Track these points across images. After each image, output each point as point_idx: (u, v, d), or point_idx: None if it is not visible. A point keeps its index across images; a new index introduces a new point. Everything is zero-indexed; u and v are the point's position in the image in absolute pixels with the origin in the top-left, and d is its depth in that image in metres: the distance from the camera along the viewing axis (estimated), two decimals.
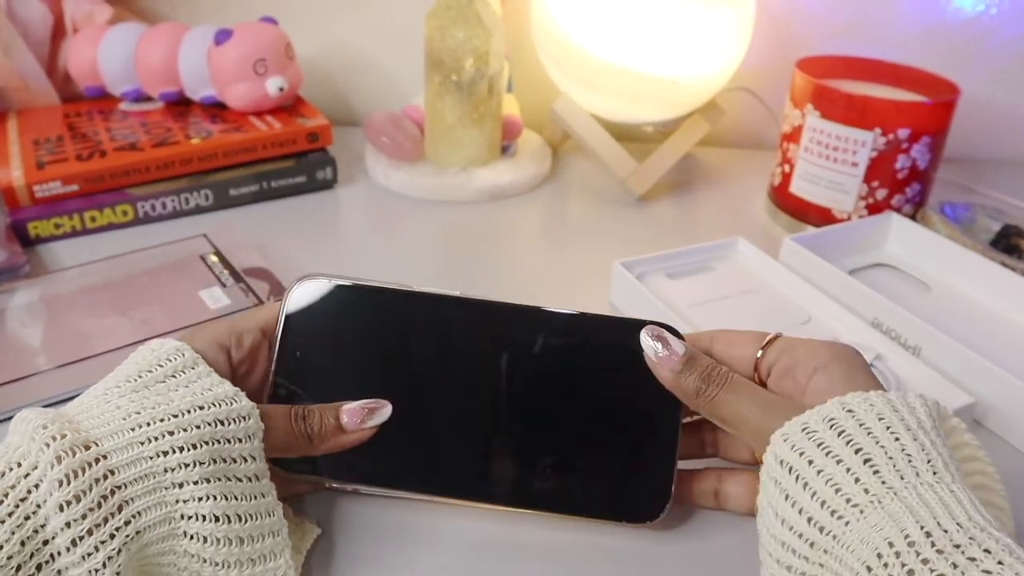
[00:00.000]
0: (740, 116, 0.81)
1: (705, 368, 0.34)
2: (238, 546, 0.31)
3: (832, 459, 0.28)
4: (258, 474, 0.32)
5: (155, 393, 0.32)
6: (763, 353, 0.35)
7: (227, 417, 0.31)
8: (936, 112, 0.59)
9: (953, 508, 0.26)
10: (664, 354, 0.35)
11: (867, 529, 0.26)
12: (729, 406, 0.33)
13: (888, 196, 0.62)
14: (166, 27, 0.73)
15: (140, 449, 0.29)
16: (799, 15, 0.78)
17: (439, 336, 0.37)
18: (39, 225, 0.60)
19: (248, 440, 0.32)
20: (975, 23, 0.77)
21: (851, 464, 0.28)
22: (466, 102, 0.68)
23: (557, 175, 0.76)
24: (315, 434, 0.34)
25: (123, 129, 0.69)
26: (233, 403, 0.32)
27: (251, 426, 0.32)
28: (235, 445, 0.31)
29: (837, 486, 0.28)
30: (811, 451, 0.29)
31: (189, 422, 0.30)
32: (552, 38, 0.69)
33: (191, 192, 0.65)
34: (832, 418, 0.30)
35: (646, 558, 0.36)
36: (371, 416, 0.35)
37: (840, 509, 0.27)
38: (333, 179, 0.71)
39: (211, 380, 0.33)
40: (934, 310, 0.54)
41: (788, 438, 0.30)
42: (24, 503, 0.27)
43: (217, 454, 0.31)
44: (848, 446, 0.28)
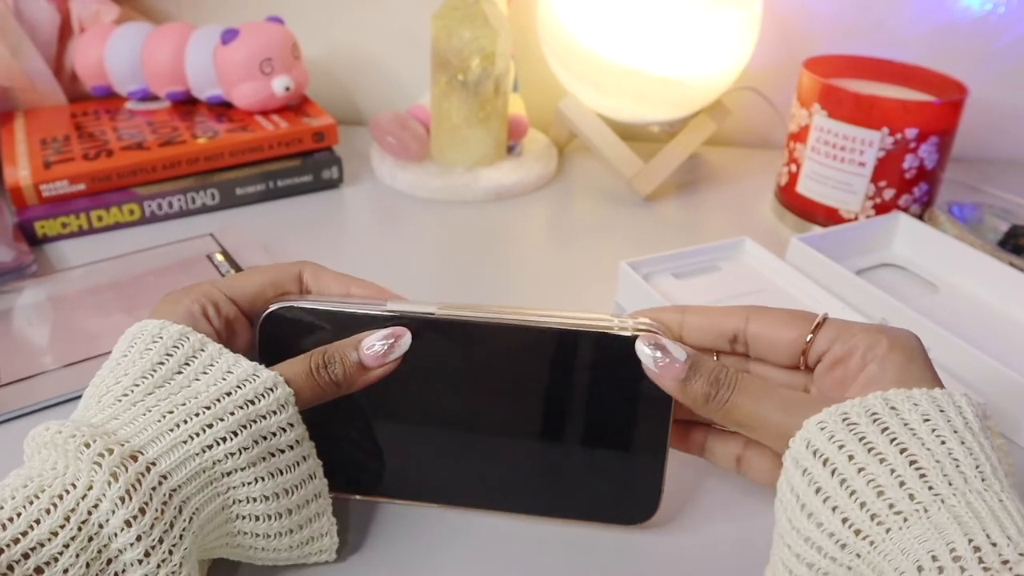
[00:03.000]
0: (747, 116, 0.81)
1: (712, 371, 0.32)
2: (287, 517, 0.32)
3: (875, 457, 0.27)
4: (299, 439, 0.32)
5: (179, 386, 0.31)
6: (812, 338, 0.32)
7: (256, 395, 0.31)
8: (944, 112, 0.59)
9: (1003, 519, 0.24)
10: (665, 362, 0.32)
11: (909, 539, 0.25)
12: (745, 409, 0.31)
13: (895, 196, 0.61)
14: (173, 27, 0.73)
15: (185, 448, 0.29)
16: (806, 15, 0.78)
17: (418, 354, 0.35)
18: (46, 224, 0.60)
19: (282, 410, 0.31)
20: (983, 22, 0.76)
21: (896, 465, 0.26)
22: (472, 102, 0.68)
23: (563, 175, 0.76)
24: (341, 380, 0.33)
25: (130, 128, 0.69)
26: (256, 379, 0.31)
27: (280, 396, 0.31)
28: (271, 420, 0.31)
29: (880, 488, 0.26)
30: (852, 445, 0.27)
31: (224, 410, 0.30)
32: (558, 38, 0.69)
33: (197, 191, 0.65)
34: (875, 412, 0.28)
35: (642, 551, 0.36)
36: (392, 349, 0.34)
37: (882, 514, 0.26)
38: (339, 178, 0.71)
39: (226, 360, 0.32)
40: (941, 310, 0.54)
41: (826, 427, 0.28)
42: (86, 524, 0.27)
43: (258, 434, 0.31)
44: (893, 444, 0.27)
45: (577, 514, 0.36)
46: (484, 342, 0.35)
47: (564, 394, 0.35)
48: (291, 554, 0.33)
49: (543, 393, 0.36)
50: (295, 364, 0.33)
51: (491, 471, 0.36)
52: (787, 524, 0.28)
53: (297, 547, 0.33)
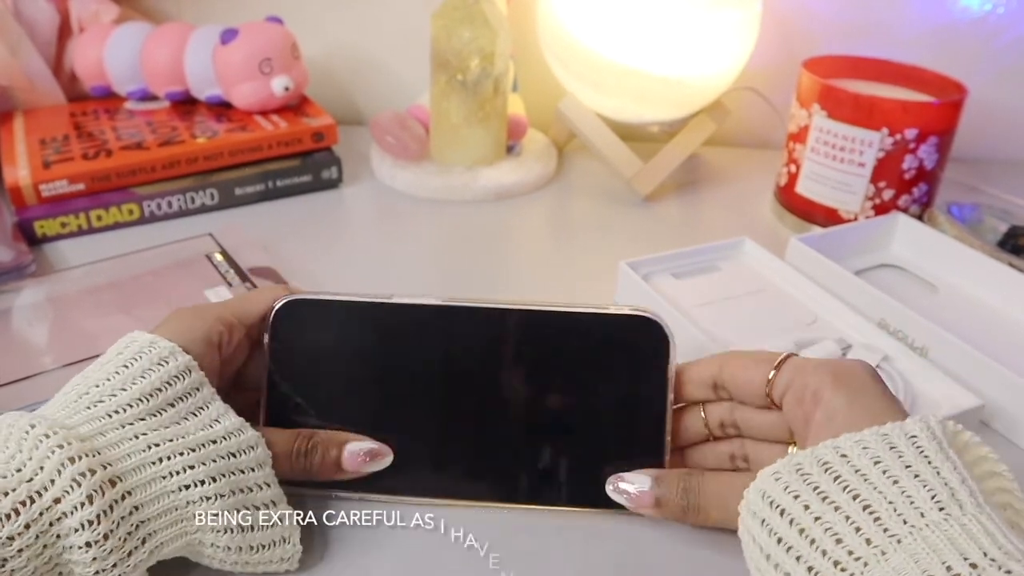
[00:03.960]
0: (746, 116, 0.81)
1: (677, 482, 0.35)
2: (247, 553, 0.33)
3: (830, 505, 0.27)
4: (275, 500, 0.34)
5: (170, 420, 0.32)
6: (775, 375, 0.34)
7: (238, 449, 0.33)
8: (943, 112, 0.59)
9: (964, 546, 0.24)
10: (634, 496, 0.35)
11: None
12: (712, 510, 0.34)
13: (895, 196, 0.61)
14: (172, 27, 0.73)
15: (164, 484, 0.31)
16: (805, 15, 0.78)
17: (422, 344, 0.37)
18: (45, 224, 0.60)
19: (260, 468, 0.33)
20: (982, 23, 0.76)
21: (850, 512, 0.27)
22: (471, 102, 0.68)
23: (562, 175, 0.76)
24: (313, 470, 0.35)
25: (129, 128, 0.69)
26: (240, 434, 0.33)
27: (259, 455, 0.33)
28: (249, 475, 0.33)
29: (837, 536, 0.27)
30: (806, 495, 0.28)
31: (207, 456, 0.32)
32: (558, 38, 0.69)
33: (197, 191, 0.65)
34: (826, 462, 0.28)
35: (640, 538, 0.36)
36: (370, 463, 0.36)
37: (843, 561, 0.26)
38: (339, 178, 0.71)
39: (216, 409, 0.34)
40: (941, 311, 0.54)
41: (780, 477, 0.29)
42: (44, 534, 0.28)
43: (235, 485, 0.32)
44: (846, 492, 0.27)
45: (582, 500, 0.37)
46: (486, 329, 0.37)
47: (564, 378, 0.37)
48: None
49: (545, 378, 0.37)
50: (280, 436, 0.35)
51: (494, 462, 0.37)
52: (756, 573, 0.29)
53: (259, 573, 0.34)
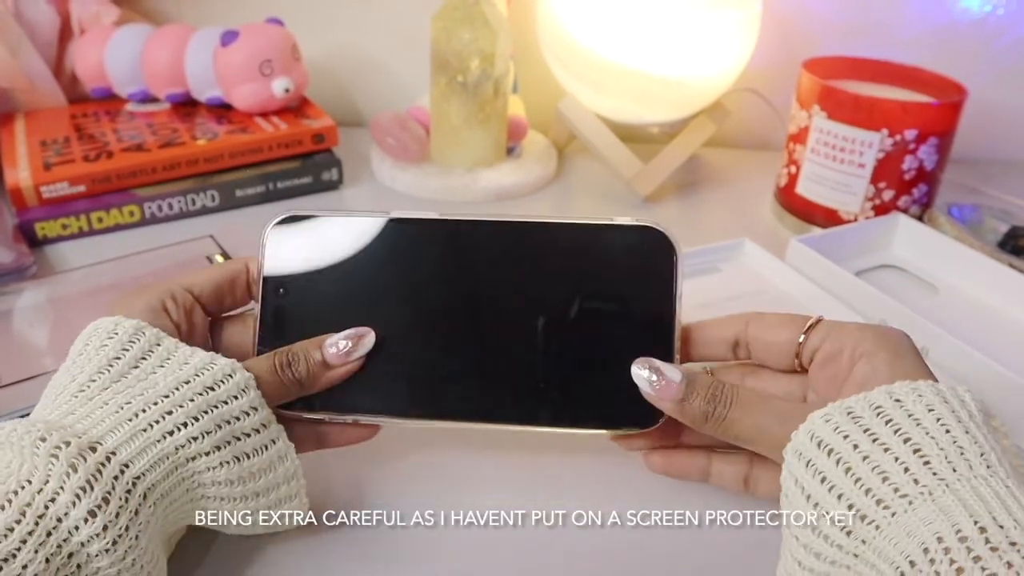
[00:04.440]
0: (746, 117, 0.81)
1: (708, 388, 0.33)
2: (253, 500, 0.32)
3: (879, 446, 0.27)
4: (264, 423, 0.32)
5: (135, 380, 0.31)
6: (805, 338, 0.33)
7: (215, 381, 0.31)
8: (943, 113, 0.59)
9: (1009, 504, 0.24)
10: (661, 384, 0.33)
11: (915, 522, 0.25)
12: (743, 422, 0.32)
13: (895, 197, 0.61)
14: (173, 28, 0.73)
15: (146, 436, 0.29)
16: (805, 16, 0.78)
17: (422, 259, 0.36)
18: (46, 226, 0.60)
19: (243, 394, 0.32)
20: (982, 24, 0.76)
21: (900, 453, 0.27)
22: (472, 103, 0.69)
23: (563, 176, 0.76)
24: (304, 378, 0.34)
25: (130, 130, 0.69)
26: (214, 366, 0.32)
27: (240, 381, 0.32)
28: (233, 404, 0.31)
29: (884, 474, 0.26)
30: (856, 435, 0.28)
31: (183, 397, 0.30)
32: (558, 39, 0.69)
33: (197, 193, 0.65)
34: (878, 406, 0.28)
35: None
36: (355, 348, 0.35)
37: (887, 498, 0.26)
38: (339, 180, 0.71)
39: (182, 353, 0.32)
40: (941, 311, 0.54)
41: (831, 419, 0.29)
42: (44, 519, 0.26)
43: (220, 419, 0.31)
44: (896, 435, 0.27)
45: (586, 420, 0.35)
46: (488, 242, 0.36)
47: (568, 291, 0.35)
48: (263, 528, 0.34)
49: (548, 292, 0.36)
50: (258, 362, 0.34)
51: (498, 380, 0.36)
52: (793, 517, 0.28)
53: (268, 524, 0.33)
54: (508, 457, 0.41)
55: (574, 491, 0.38)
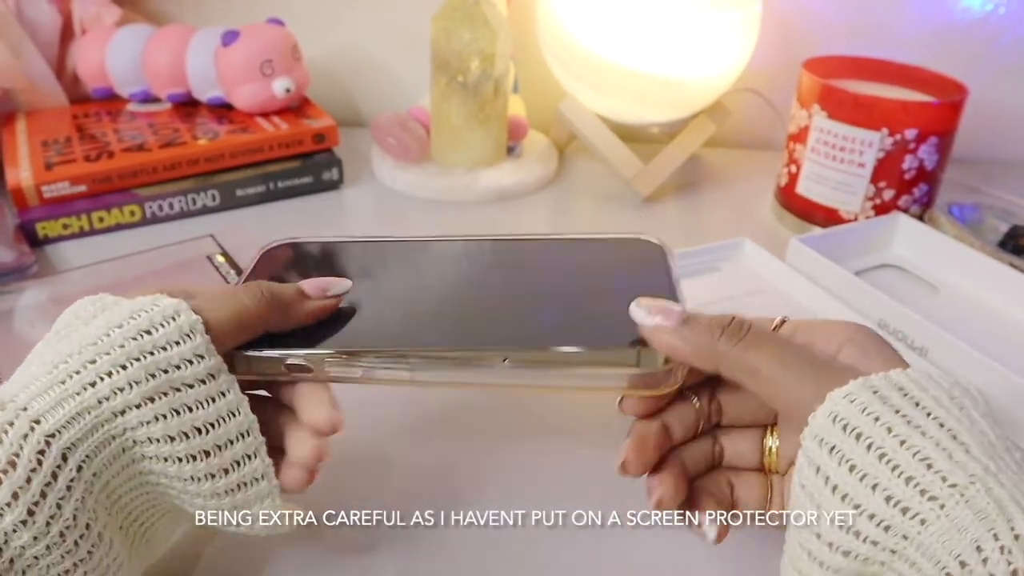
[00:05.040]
0: (746, 117, 0.81)
1: (714, 318, 0.29)
2: (204, 460, 0.28)
3: (916, 429, 0.24)
4: (211, 372, 0.29)
5: (70, 332, 0.28)
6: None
7: (152, 325, 0.28)
8: (944, 112, 0.59)
9: None
10: (658, 319, 0.30)
11: (967, 516, 0.22)
12: (756, 356, 0.28)
13: (895, 197, 0.61)
14: (174, 29, 0.73)
15: (63, 388, 0.26)
16: (805, 15, 0.78)
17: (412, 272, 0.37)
18: (47, 225, 0.60)
19: (186, 340, 0.28)
20: (983, 23, 0.76)
21: (940, 438, 0.24)
22: (472, 103, 0.69)
23: (563, 176, 0.76)
24: (284, 301, 0.31)
25: (131, 130, 0.69)
26: (154, 308, 0.28)
27: (183, 324, 0.28)
28: (172, 351, 0.28)
29: (928, 461, 0.23)
30: (888, 416, 0.25)
31: (111, 344, 0.27)
32: (558, 39, 0.69)
33: (198, 192, 0.65)
34: (902, 386, 0.25)
35: None
36: (330, 286, 0.33)
37: (933, 488, 0.23)
38: (339, 180, 0.71)
39: (133, 302, 0.29)
40: (941, 311, 0.54)
41: (855, 398, 0.25)
42: None
43: (155, 367, 0.27)
44: (931, 419, 0.24)
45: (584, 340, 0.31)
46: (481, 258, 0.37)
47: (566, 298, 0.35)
48: (229, 502, 0.30)
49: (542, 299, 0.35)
50: (245, 288, 0.31)
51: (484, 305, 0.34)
52: (813, 511, 0.26)
53: (229, 494, 0.29)
54: (508, 457, 0.41)
55: (574, 491, 0.39)
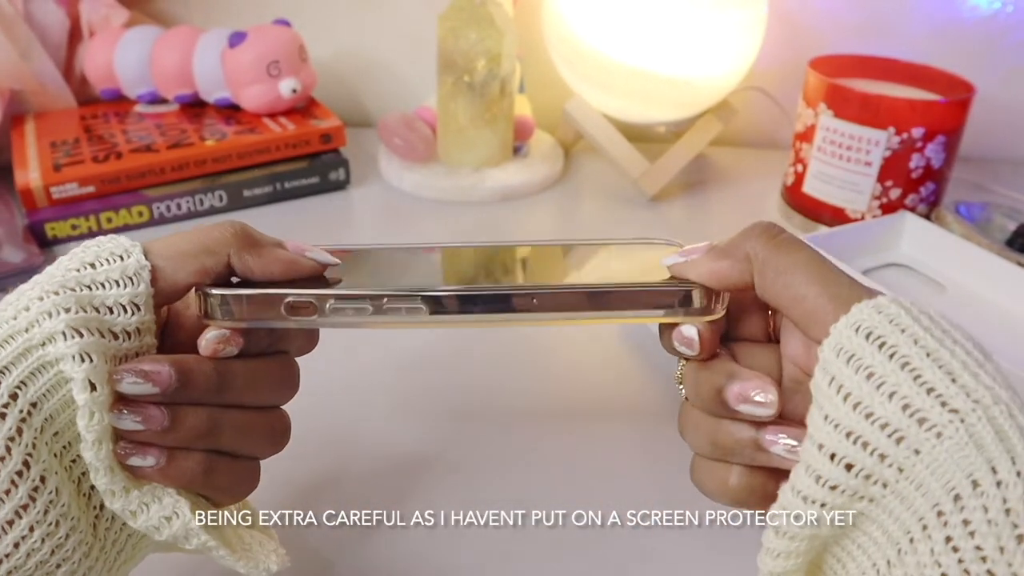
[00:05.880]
0: (753, 116, 0.81)
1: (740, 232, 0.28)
2: None
3: (943, 345, 0.23)
4: (140, 326, 0.26)
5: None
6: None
7: (97, 258, 0.26)
8: (951, 111, 0.59)
9: None
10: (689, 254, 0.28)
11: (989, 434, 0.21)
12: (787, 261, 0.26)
13: (902, 196, 0.61)
14: (181, 30, 0.73)
15: (11, 325, 0.24)
16: (812, 14, 0.78)
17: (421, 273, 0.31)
18: (56, 226, 0.61)
19: (127, 283, 0.26)
20: (990, 21, 0.76)
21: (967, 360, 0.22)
22: (478, 103, 0.69)
23: (569, 176, 0.76)
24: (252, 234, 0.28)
25: (139, 131, 0.69)
26: (105, 244, 0.26)
27: (130, 266, 0.26)
28: (110, 291, 0.25)
29: (954, 376, 0.22)
30: (915, 328, 0.23)
31: (50, 276, 0.25)
32: (564, 39, 0.69)
33: (205, 193, 0.65)
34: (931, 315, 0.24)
35: None
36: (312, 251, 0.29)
37: (955, 400, 0.21)
38: (346, 180, 0.71)
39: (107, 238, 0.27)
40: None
41: (883, 309, 0.24)
42: None
43: (87, 301, 0.25)
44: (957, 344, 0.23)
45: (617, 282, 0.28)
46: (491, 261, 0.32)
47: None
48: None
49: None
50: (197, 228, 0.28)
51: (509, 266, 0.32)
52: (820, 421, 0.24)
53: None
54: (508, 457, 0.41)
55: (574, 491, 0.39)
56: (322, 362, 0.35)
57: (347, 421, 0.44)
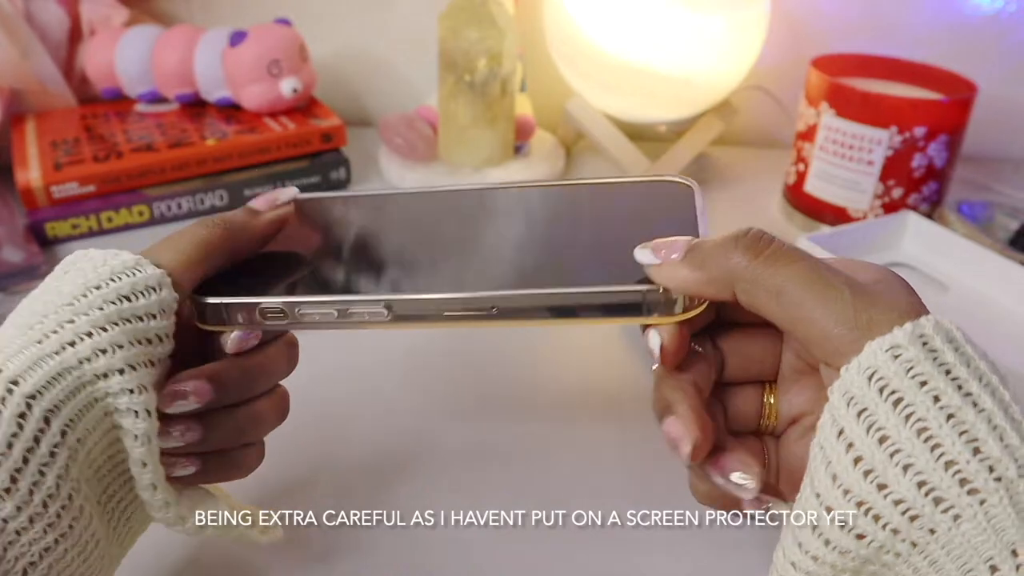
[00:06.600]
0: (754, 115, 0.80)
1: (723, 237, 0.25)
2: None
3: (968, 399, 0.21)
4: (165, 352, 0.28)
5: (45, 291, 0.27)
6: None
7: (133, 291, 0.26)
8: (953, 110, 0.59)
9: None
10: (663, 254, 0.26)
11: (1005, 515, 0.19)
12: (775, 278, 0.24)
13: (904, 195, 0.61)
14: (182, 29, 0.73)
15: (40, 348, 0.25)
16: (814, 13, 0.78)
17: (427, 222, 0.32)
18: (56, 226, 0.61)
19: (163, 316, 0.27)
20: (993, 20, 0.76)
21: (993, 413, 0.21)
22: (479, 102, 0.69)
23: (570, 175, 0.76)
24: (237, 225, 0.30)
25: (139, 130, 0.69)
26: (137, 273, 0.27)
27: (165, 299, 0.27)
28: (150, 323, 0.27)
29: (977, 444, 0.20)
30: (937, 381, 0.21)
31: (89, 305, 0.26)
32: (565, 38, 0.69)
33: (206, 192, 0.65)
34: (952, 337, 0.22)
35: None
36: (277, 195, 0.32)
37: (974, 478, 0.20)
38: (347, 179, 0.71)
39: (104, 254, 0.27)
40: (951, 310, 0.53)
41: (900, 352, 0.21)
42: None
43: (134, 335, 0.26)
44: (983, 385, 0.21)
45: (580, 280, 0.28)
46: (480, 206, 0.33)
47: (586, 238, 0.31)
48: None
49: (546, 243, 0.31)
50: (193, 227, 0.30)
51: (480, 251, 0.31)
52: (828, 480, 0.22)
53: None
54: (508, 457, 0.41)
55: (574, 491, 0.38)
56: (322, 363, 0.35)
57: (347, 421, 0.44)
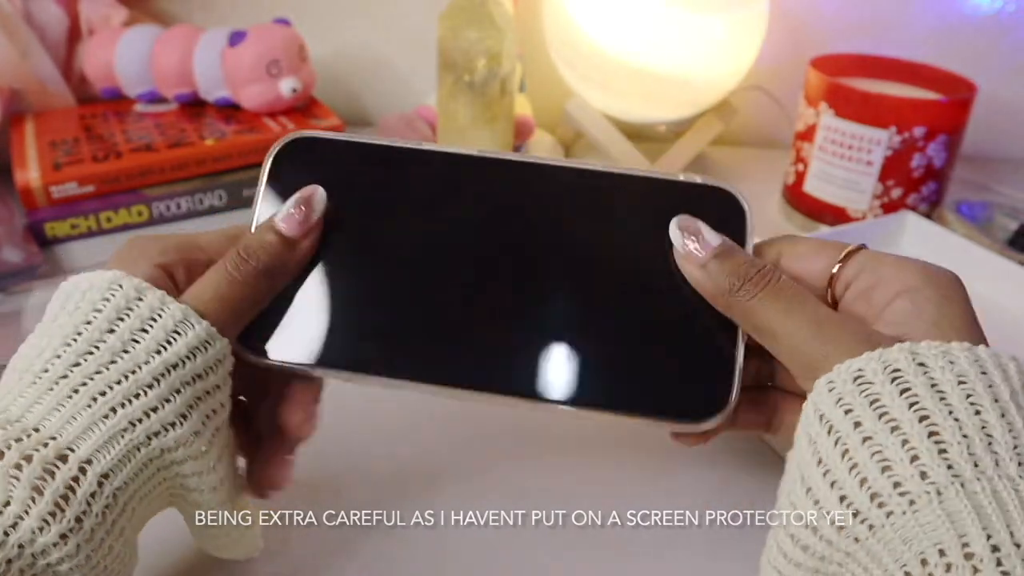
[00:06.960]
0: (754, 115, 0.80)
1: (742, 264, 0.28)
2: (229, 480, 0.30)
3: (887, 424, 0.22)
4: (224, 403, 0.28)
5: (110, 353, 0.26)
6: (840, 268, 0.29)
7: (190, 351, 0.26)
8: (952, 110, 0.59)
9: None
10: (692, 247, 0.29)
11: (914, 527, 0.21)
12: (766, 313, 0.27)
13: (904, 195, 0.61)
14: (181, 29, 0.73)
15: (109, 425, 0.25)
16: (813, 13, 0.78)
17: (452, 201, 0.31)
18: (55, 225, 0.60)
19: (219, 367, 0.27)
20: (992, 20, 0.76)
21: (911, 435, 0.22)
22: (478, 102, 0.68)
23: None
24: (268, 264, 0.29)
25: (138, 130, 0.69)
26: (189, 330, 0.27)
27: (220, 351, 0.27)
28: (209, 378, 0.27)
29: (886, 463, 0.22)
30: (860, 410, 0.23)
31: (170, 388, 0.26)
32: (565, 38, 0.69)
33: (205, 192, 0.65)
34: (896, 369, 0.23)
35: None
36: (308, 209, 0.30)
37: (883, 494, 0.22)
38: None
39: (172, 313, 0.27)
40: None
41: (834, 387, 0.24)
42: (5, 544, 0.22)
43: (193, 396, 0.26)
44: (911, 410, 0.22)
45: (629, 405, 0.29)
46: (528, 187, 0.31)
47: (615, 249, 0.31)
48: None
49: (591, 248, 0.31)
50: (210, 277, 0.29)
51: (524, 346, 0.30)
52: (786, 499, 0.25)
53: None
54: (508, 457, 0.41)
55: (574, 491, 0.38)
56: None
57: (346, 421, 0.44)
